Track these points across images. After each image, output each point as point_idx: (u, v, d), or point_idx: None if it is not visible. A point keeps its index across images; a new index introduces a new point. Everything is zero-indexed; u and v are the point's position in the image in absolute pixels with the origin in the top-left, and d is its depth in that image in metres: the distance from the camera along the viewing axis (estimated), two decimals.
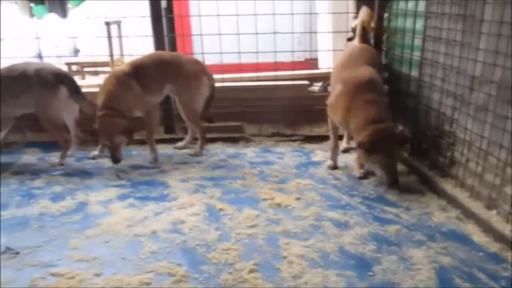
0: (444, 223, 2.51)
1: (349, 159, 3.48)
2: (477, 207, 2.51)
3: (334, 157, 3.37)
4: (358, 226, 2.49)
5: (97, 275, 2.10)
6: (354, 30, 3.99)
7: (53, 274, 2.10)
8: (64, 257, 2.25)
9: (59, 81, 3.45)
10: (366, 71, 3.10)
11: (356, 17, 3.97)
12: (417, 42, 3.24)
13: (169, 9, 4.10)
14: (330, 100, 3.23)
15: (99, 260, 2.22)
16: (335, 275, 2.05)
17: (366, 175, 3.15)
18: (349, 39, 3.98)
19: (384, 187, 2.97)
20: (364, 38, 3.62)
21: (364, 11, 3.72)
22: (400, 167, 3.30)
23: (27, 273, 2.12)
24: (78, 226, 2.57)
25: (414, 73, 3.29)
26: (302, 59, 5.67)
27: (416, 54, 3.24)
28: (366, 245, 2.29)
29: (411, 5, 3.31)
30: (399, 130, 3.05)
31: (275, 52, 3.89)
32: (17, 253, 2.31)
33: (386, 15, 3.74)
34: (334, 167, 3.35)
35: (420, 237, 2.36)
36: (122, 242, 2.38)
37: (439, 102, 2.96)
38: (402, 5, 3.46)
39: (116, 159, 3.35)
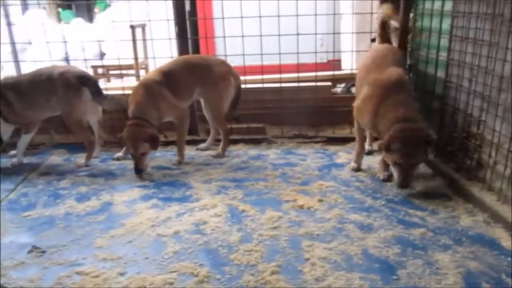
0: (471, 227, 2.44)
1: (373, 161, 3.43)
2: (505, 210, 2.44)
3: (358, 160, 3.33)
4: (382, 229, 2.45)
5: (121, 274, 2.12)
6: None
7: (78, 273, 2.14)
8: (89, 256, 2.29)
9: (82, 83, 3.53)
10: (393, 72, 3.02)
11: None
12: (444, 42, 3.17)
13: (193, 11, 4.14)
14: (357, 103, 3.17)
15: (123, 259, 2.25)
16: (359, 278, 2.02)
17: (390, 178, 3.10)
18: (373, 40, 3.93)
19: (408, 190, 2.91)
20: (384, 36, 3.51)
21: (385, 6, 3.59)
22: (425, 169, 3.25)
23: (53, 272, 2.16)
24: (103, 226, 2.62)
25: (440, 73, 3.22)
26: (324, 60, 5.62)
27: (443, 55, 3.18)
28: (390, 249, 2.25)
29: (437, 4, 3.24)
30: (429, 131, 2.95)
31: (298, 53, 3.87)
32: (44, 251, 2.36)
33: (411, 15, 3.68)
34: (358, 169, 3.31)
35: (446, 241, 2.31)
36: (145, 242, 2.41)
37: (466, 103, 2.89)
38: (428, 4, 3.39)
39: (138, 170, 3.28)
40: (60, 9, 10.16)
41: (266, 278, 2.04)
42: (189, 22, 4.04)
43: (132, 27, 5.52)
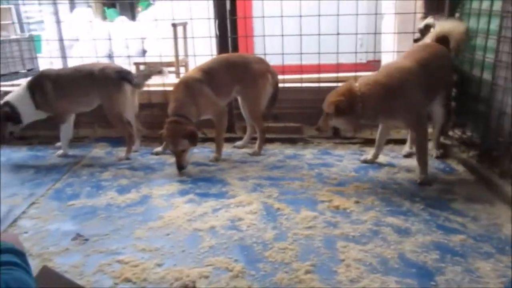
0: None
1: (412, 164, 3.36)
2: None
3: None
4: (420, 234, 2.39)
5: (159, 265, 2.19)
6: (421, 31, 3.85)
7: (118, 262, 2.22)
8: (129, 246, 2.37)
9: (121, 78, 3.69)
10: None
11: (424, 17, 3.83)
12: (491, 43, 3.06)
13: (233, 10, 4.18)
14: None
15: (160, 251, 2.31)
16: (395, 282, 1.99)
17: (429, 182, 3.03)
18: (416, 40, 3.83)
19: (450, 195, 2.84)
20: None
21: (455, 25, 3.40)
22: (468, 174, 3.16)
23: (95, 259, 2.26)
24: (142, 218, 2.70)
25: (487, 76, 3.11)
26: (364, 61, 5.54)
27: (489, 56, 3.06)
28: (428, 254, 2.20)
29: (486, 4, 3.13)
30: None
31: (337, 53, 3.83)
32: (87, 239, 2.46)
33: (457, 15, 3.57)
34: (366, 161, 3.46)
35: (488, 249, 2.23)
36: (182, 235, 2.46)
37: None
38: (475, 4, 3.28)
39: (180, 166, 3.34)
40: (105, 8, 10.51)
41: (300, 277, 2.05)
42: (229, 21, 4.08)
43: (174, 25, 5.63)
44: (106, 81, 3.66)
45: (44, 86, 3.68)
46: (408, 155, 3.53)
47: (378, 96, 2.96)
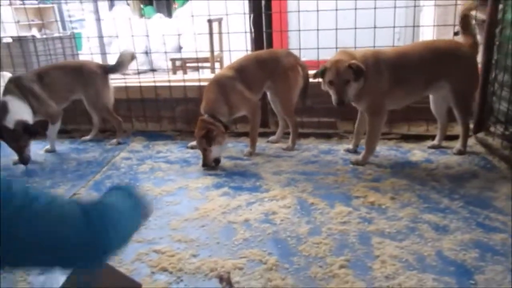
0: None
1: (451, 160, 3.27)
2: None
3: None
4: (459, 232, 2.33)
5: (194, 256, 2.23)
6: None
7: (155, 251, 2.28)
8: (165, 237, 2.43)
9: (105, 72, 4.03)
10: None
11: None
12: None
13: (268, 5, 4.18)
14: None
15: (196, 242, 2.36)
16: (432, 280, 1.95)
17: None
18: (456, 33, 3.71)
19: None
20: (466, 30, 3.33)
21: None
22: (509, 172, 3.04)
23: (133, 248, 2.32)
24: (178, 210, 2.76)
25: None
26: None
27: None
28: (467, 252, 2.14)
29: None
30: None
31: (374, 47, 3.76)
32: None
33: (500, 6, 3.43)
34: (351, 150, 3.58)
35: None
36: (217, 227, 2.50)
37: None
38: None
39: (203, 163, 3.41)
40: (142, 5, 10.75)
41: (335, 272, 2.04)
42: (264, 16, 4.09)
43: (209, 21, 5.71)
44: (94, 77, 3.96)
45: (33, 89, 3.74)
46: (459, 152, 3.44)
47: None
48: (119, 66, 4.12)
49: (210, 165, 3.43)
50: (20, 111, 3.53)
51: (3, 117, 3.44)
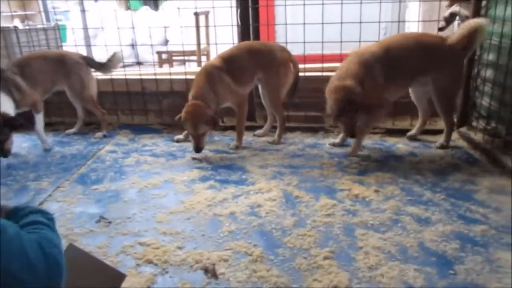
0: None
1: (434, 155, 3.33)
2: None
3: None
4: (441, 223, 2.38)
5: (180, 248, 2.24)
6: (446, 19, 3.78)
7: (141, 244, 2.28)
8: (150, 229, 2.43)
9: (87, 63, 4.02)
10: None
11: (450, 5, 3.75)
12: None
13: None
14: None
15: (181, 234, 2.36)
16: (414, 270, 1.99)
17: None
18: (440, 29, 3.77)
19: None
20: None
21: None
22: (491, 167, 3.11)
23: (118, 241, 2.32)
24: (164, 202, 2.76)
25: None
26: None
27: None
28: (448, 243, 2.19)
29: None
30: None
31: (359, 42, 3.79)
32: (110, 222, 2.53)
33: (484, 2, 3.48)
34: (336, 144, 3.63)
35: (510, 240, 2.20)
36: (203, 220, 2.51)
37: None
38: None
39: (198, 148, 3.40)
40: None
41: (319, 263, 2.07)
42: (251, 9, 4.08)
43: (196, 14, 5.67)
44: (78, 67, 3.94)
45: (15, 81, 3.65)
46: (441, 147, 3.50)
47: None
48: (105, 66, 4.08)
49: (203, 148, 3.44)
50: (1, 104, 3.46)
51: None
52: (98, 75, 4.25)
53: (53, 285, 1.08)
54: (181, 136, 3.92)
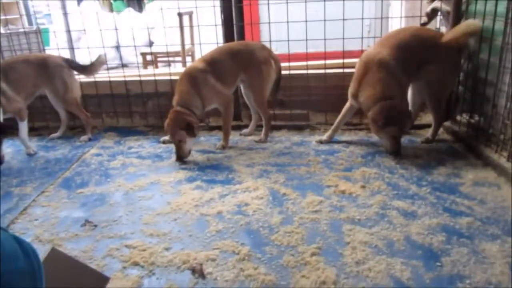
0: None
1: (420, 150, 3.36)
2: None
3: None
4: (427, 217, 2.39)
5: (167, 249, 2.22)
6: (428, 15, 3.81)
7: (127, 246, 2.26)
8: (137, 232, 2.40)
9: (70, 65, 3.99)
10: (376, 51, 3.27)
11: (431, 1, 3.79)
12: (499, 26, 3.02)
13: None
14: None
15: (168, 235, 2.34)
16: (400, 263, 2.00)
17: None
18: (423, 24, 3.80)
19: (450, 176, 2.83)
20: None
21: None
22: (475, 159, 3.14)
23: (104, 244, 2.30)
24: (150, 204, 2.73)
25: (494, 59, 3.08)
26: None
27: (497, 39, 3.02)
28: (434, 236, 2.20)
29: None
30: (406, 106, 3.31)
31: (343, 39, 3.80)
32: (96, 225, 2.50)
33: None
34: (324, 141, 3.65)
35: (495, 231, 2.22)
36: (189, 221, 2.49)
37: None
38: None
39: (178, 156, 3.37)
40: (112, 0, 10.53)
41: (306, 259, 2.06)
42: (235, 8, 4.07)
43: (180, 15, 5.65)
44: (60, 69, 3.90)
45: (0, 86, 3.60)
46: (427, 141, 3.53)
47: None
48: (88, 69, 4.05)
49: (186, 156, 3.41)
50: None
51: None
52: (81, 78, 4.20)
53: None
54: (167, 138, 3.89)
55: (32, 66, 3.84)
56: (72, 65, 4.04)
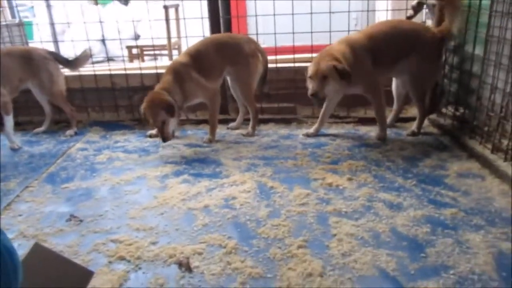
0: (505, 208, 2.37)
1: (406, 143, 3.39)
2: None
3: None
4: (412, 208, 2.42)
5: (153, 243, 2.20)
6: (414, 8, 3.82)
7: (113, 241, 2.24)
8: (123, 226, 2.39)
9: (55, 58, 3.93)
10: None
11: None
12: (483, 18, 3.04)
13: None
14: None
15: (155, 230, 2.33)
16: (386, 255, 2.02)
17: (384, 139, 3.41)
18: (409, 18, 3.81)
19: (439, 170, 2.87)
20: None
21: None
22: (460, 151, 3.18)
23: (90, 239, 2.27)
24: (136, 198, 2.71)
25: (479, 51, 3.11)
26: None
27: (481, 31, 3.05)
28: (419, 227, 2.23)
29: None
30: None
31: (330, 32, 3.80)
32: (81, 220, 2.47)
33: None
34: (310, 135, 3.67)
35: (479, 222, 2.26)
36: (176, 215, 2.48)
37: (505, 82, 2.77)
38: None
39: (163, 138, 3.36)
40: None
41: (293, 252, 2.07)
42: (221, 1, 4.04)
43: (166, 7, 5.59)
44: (46, 62, 3.82)
45: None
46: (413, 134, 3.57)
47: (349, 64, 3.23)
48: (73, 63, 4.00)
49: (171, 138, 3.41)
50: None
51: None
52: (65, 71, 4.14)
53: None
54: (153, 132, 3.85)
55: (16, 59, 3.76)
56: (57, 58, 3.98)
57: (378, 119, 3.52)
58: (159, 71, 4.05)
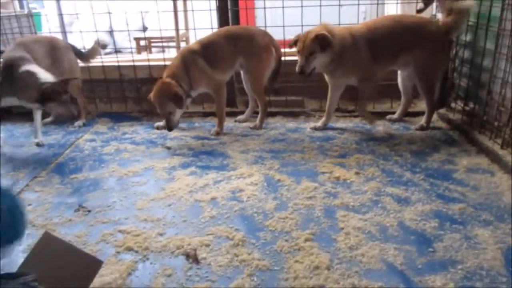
0: None
1: (414, 136, 3.36)
2: None
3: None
4: (420, 203, 2.40)
5: (161, 234, 2.21)
6: (424, 1, 3.78)
7: (121, 231, 2.25)
8: (131, 217, 2.40)
9: (74, 51, 3.95)
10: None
11: None
12: (495, 11, 3.00)
13: None
14: None
15: (162, 221, 2.34)
16: (394, 249, 2.01)
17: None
18: (419, 11, 3.77)
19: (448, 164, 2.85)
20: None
21: None
22: (469, 146, 3.15)
23: (98, 229, 2.29)
24: (144, 190, 2.72)
25: (490, 45, 3.07)
26: None
27: (493, 25, 3.01)
28: (427, 222, 2.22)
29: None
30: None
31: (339, 25, 3.76)
32: (89, 211, 2.49)
33: None
34: (318, 128, 3.66)
35: (487, 217, 2.24)
36: (184, 206, 2.49)
37: None
38: None
39: (169, 127, 3.41)
40: None
41: (300, 245, 2.07)
42: None
43: None
44: (68, 51, 3.85)
45: None
46: (422, 128, 3.54)
47: (340, 45, 3.27)
48: (85, 55, 4.00)
49: (176, 127, 3.46)
50: None
51: None
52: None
53: None
54: (161, 123, 3.86)
55: (44, 47, 3.73)
56: (73, 49, 3.98)
57: (359, 109, 3.59)
58: (167, 63, 4.04)
